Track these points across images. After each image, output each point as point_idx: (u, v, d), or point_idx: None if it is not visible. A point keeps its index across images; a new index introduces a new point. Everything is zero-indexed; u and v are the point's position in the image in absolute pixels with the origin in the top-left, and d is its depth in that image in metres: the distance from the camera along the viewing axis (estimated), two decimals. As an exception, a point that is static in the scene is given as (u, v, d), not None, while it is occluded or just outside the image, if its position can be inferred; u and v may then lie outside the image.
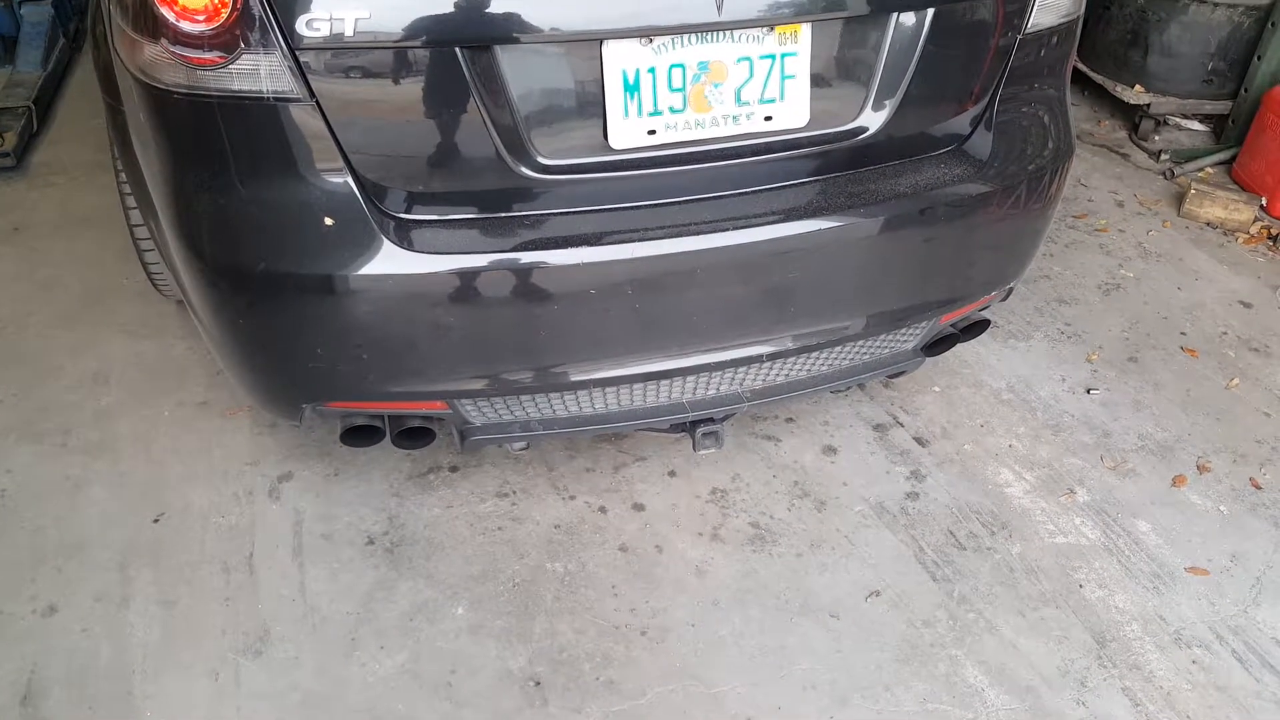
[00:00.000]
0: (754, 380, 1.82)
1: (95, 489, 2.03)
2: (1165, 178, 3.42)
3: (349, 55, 1.42)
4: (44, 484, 2.04)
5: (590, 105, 1.54)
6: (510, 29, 1.44)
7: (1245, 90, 3.43)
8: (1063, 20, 1.78)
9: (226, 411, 2.23)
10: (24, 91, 3.51)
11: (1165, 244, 3.03)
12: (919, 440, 2.22)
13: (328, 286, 1.50)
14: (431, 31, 1.42)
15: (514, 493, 2.07)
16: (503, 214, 1.57)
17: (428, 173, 1.53)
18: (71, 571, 1.85)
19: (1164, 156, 3.52)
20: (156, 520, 1.97)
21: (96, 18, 1.96)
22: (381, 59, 1.43)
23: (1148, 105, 3.58)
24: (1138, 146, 3.63)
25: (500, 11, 1.43)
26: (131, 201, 2.13)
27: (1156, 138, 3.65)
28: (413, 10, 1.41)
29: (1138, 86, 3.61)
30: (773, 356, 1.76)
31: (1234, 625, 1.85)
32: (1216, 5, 3.37)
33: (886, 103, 1.66)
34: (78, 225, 2.90)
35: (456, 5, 1.42)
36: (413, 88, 1.46)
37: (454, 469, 2.11)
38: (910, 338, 1.92)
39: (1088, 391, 2.41)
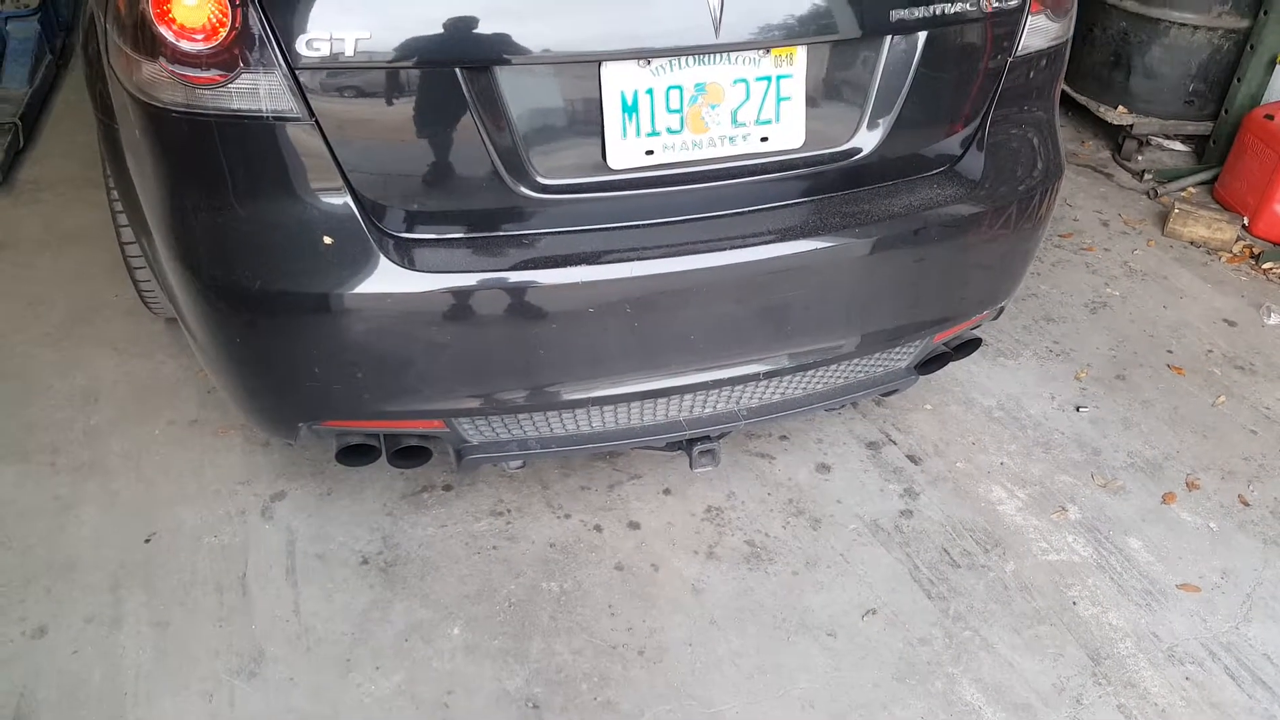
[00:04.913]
0: (750, 398, 1.83)
1: (85, 508, 2.01)
2: (1149, 197, 3.47)
3: (349, 75, 1.42)
4: (32, 503, 2.02)
5: (589, 126, 1.55)
6: (510, 50, 1.45)
7: (1226, 111, 3.49)
8: (1052, 43, 1.81)
9: (218, 430, 2.22)
10: (10, 108, 3.49)
11: (1150, 263, 3.07)
12: (912, 458, 2.23)
13: (326, 305, 1.49)
14: (431, 52, 1.43)
15: (509, 511, 2.07)
16: (501, 233, 1.57)
17: (427, 192, 1.53)
18: (61, 592, 1.83)
19: (1147, 176, 3.57)
20: (148, 540, 1.94)
21: (89, 36, 1.95)
22: (381, 79, 1.44)
23: (1130, 126, 3.64)
24: (1121, 166, 3.68)
25: (500, 33, 1.44)
26: (123, 219, 2.12)
27: (1139, 158, 3.71)
28: (413, 31, 1.42)
29: (1121, 107, 3.67)
30: (769, 375, 1.76)
31: (1226, 642, 1.86)
32: (1197, 28, 3.44)
33: (880, 124, 1.68)
34: (64, 242, 2.89)
35: (457, 26, 1.43)
36: (412, 108, 1.47)
37: (448, 488, 2.10)
38: (904, 356, 1.94)
39: (1077, 409, 2.43)
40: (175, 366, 2.41)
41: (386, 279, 1.49)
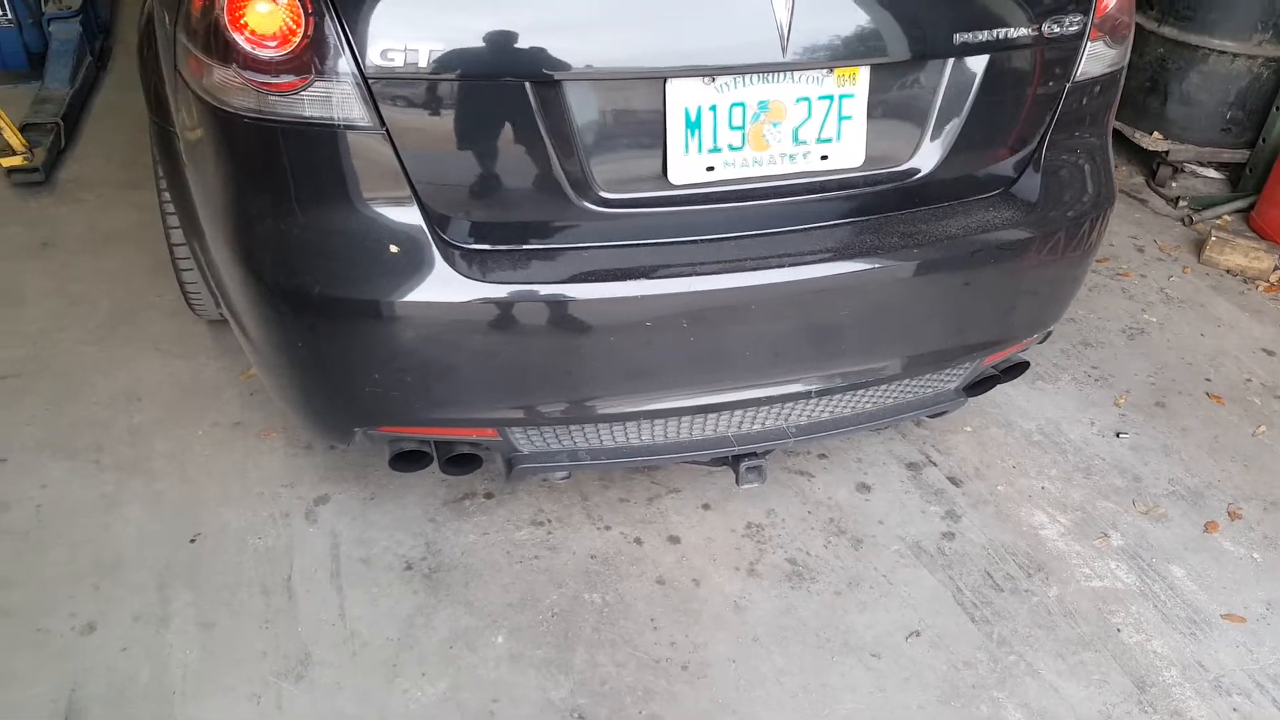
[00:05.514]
0: (799, 416, 1.83)
1: (130, 507, 2.02)
2: (1183, 224, 3.46)
3: (421, 86, 1.44)
4: (79, 500, 2.03)
5: (651, 141, 1.56)
6: (580, 65, 1.46)
7: (1263, 140, 3.48)
8: (1109, 69, 1.82)
9: (261, 433, 2.23)
10: (53, 108, 3.53)
11: (1187, 290, 3.07)
12: (953, 480, 2.23)
13: (390, 313, 1.50)
14: (502, 65, 1.45)
15: (549, 521, 2.07)
16: (562, 246, 1.58)
17: (491, 203, 1.54)
18: (109, 590, 1.84)
19: (1182, 203, 3.56)
20: (193, 540, 1.96)
21: (145, 39, 1.98)
22: (452, 90, 1.45)
23: (1166, 152, 3.63)
24: (1155, 192, 3.68)
25: (570, 48, 1.46)
26: (174, 221, 2.14)
27: (1173, 184, 3.70)
28: (485, 44, 1.43)
29: (1156, 133, 3.67)
30: (821, 393, 1.77)
31: (1273, 674, 1.84)
32: (1236, 56, 3.43)
33: (940, 145, 1.69)
34: (106, 242, 2.91)
35: (528, 41, 1.44)
36: (481, 120, 1.48)
37: (489, 496, 2.11)
38: (954, 378, 1.94)
39: (1117, 435, 2.42)
40: (217, 368, 2.43)
41: (450, 288, 1.50)
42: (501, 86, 1.46)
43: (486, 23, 1.43)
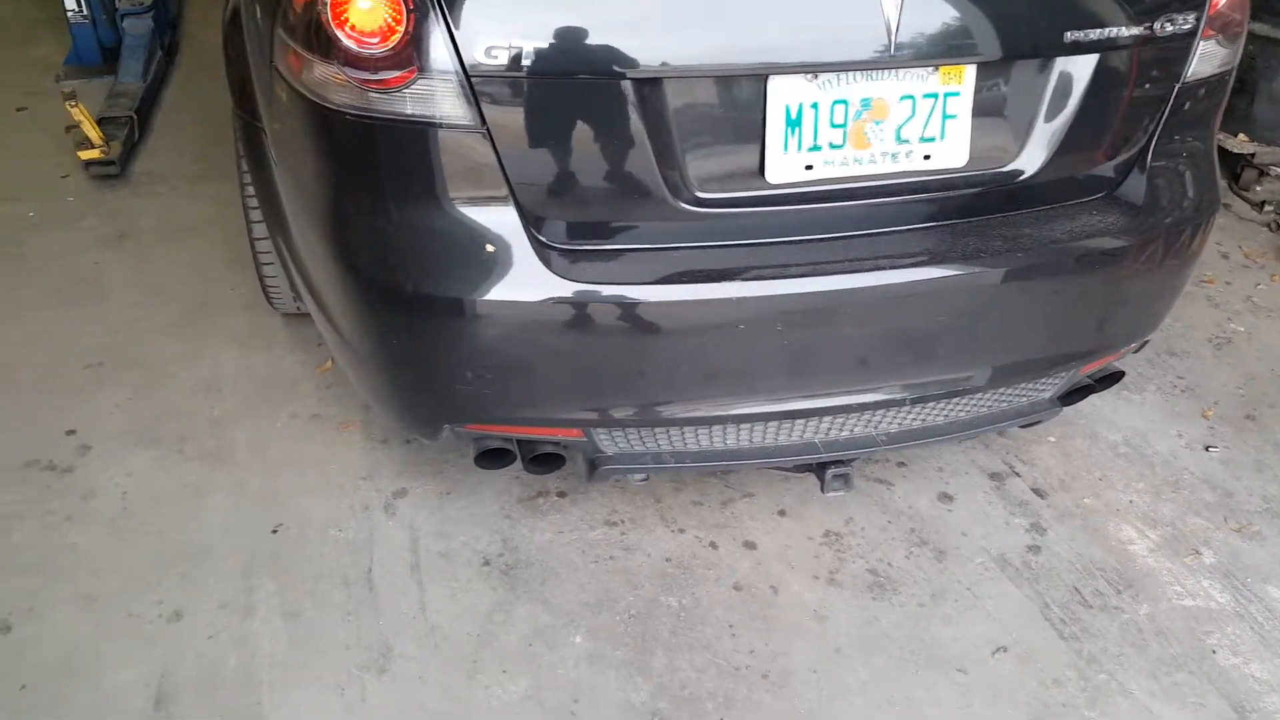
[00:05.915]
0: (890, 423, 1.79)
1: (214, 496, 2.05)
2: (1270, 229, 3.34)
3: (521, 83, 1.43)
4: (163, 489, 2.06)
5: (749, 139, 1.54)
6: (682, 62, 1.45)
7: (1357, 145, 3.35)
8: (1219, 70, 1.75)
9: (339, 425, 2.24)
10: (126, 101, 3.60)
11: (1275, 298, 2.95)
12: (1037, 492, 2.17)
13: (485, 312, 1.50)
14: (604, 63, 1.43)
15: (623, 522, 2.05)
16: (656, 246, 1.57)
17: (585, 203, 1.53)
18: (195, 577, 1.86)
19: (1267, 208, 3.44)
20: (275, 531, 1.97)
21: (230, 35, 1.99)
22: (553, 89, 1.44)
23: (1252, 155, 3.50)
24: (1239, 196, 3.55)
25: (672, 45, 1.44)
26: (257, 215, 2.16)
27: (1258, 188, 3.57)
28: (588, 41, 1.42)
29: (1241, 135, 3.54)
30: (915, 400, 1.73)
31: (1382, 703, 1.77)
32: (1330, 57, 3.31)
33: (1045, 146, 1.64)
34: (181, 234, 2.96)
35: (630, 38, 1.43)
36: (579, 117, 1.47)
37: (562, 494, 2.10)
38: (1049, 387, 1.88)
39: (1206, 449, 2.34)
40: (293, 361, 2.45)
41: (545, 288, 1.49)
42: (602, 84, 1.45)
43: (588, 18, 1.42)
